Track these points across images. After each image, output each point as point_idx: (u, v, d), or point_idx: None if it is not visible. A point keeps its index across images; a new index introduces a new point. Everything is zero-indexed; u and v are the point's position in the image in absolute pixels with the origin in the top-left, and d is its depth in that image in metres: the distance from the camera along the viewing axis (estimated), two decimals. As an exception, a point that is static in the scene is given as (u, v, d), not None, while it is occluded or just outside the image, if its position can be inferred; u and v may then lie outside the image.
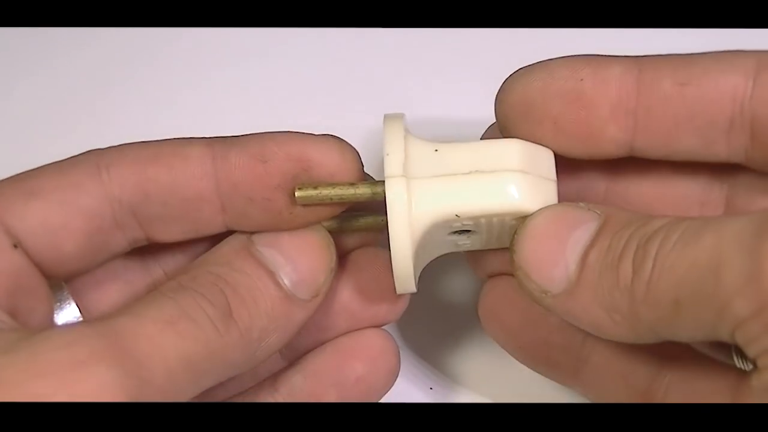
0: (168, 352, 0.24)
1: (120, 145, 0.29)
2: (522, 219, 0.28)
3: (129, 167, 0.28)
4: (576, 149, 0.29)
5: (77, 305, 0.29)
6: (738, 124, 0.28)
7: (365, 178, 0.29)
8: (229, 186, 0.28)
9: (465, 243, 0.30)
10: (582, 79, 0.28)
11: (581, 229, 0.27)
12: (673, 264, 0.25)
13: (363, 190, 0.28)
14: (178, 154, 0.28)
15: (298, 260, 0.28)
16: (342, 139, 0.29)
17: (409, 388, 0.35)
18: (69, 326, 0.25)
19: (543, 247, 0.27)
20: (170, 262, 0.31)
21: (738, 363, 0.26)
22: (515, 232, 0.28)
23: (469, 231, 0.29)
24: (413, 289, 0.29)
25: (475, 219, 0.28)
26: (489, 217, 0.28)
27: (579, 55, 0.29)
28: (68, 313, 0.29)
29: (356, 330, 0.31)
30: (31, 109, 0.39)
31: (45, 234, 0.27)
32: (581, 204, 0.28)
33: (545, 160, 0.29)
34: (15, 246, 0.27)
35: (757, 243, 0.23)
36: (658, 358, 0.29)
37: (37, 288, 0.28)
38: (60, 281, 0.29)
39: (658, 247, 0.25)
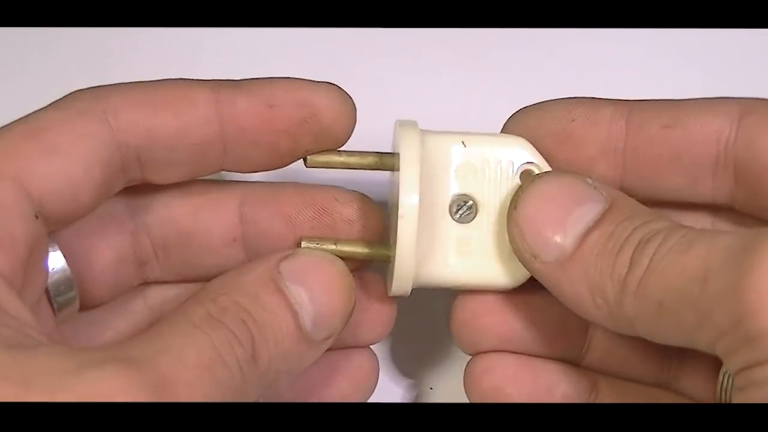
0: (200, 398, 0.24)
1: (120, 85, 0.28)
2: (528, 180, 0.29)
3: (136, 113, 0.28)
4: None
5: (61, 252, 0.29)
6: (722, 166, 0.29)
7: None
8: (236, 130, 0.29)
9: (465, 234, 0.29)
10: (573, 120, 0.29)
11: (587, 207, 0.27)
12: (665, 267, 0.25)
13: (370, 159, 0.30)
14: (185, 98, 0.28)
15: (322, 302, 0.28)
16: (341, 88, 0.29)
17: (409, 389, 0.35)
18: (113, 362, 0.23)
19: (545, 211, 0.28)
20: (148, 218, 0.31)
21: (718, 391, 0.27)
22: (521, 188, 0.28)
23: (471, 207, 0.29)
24: (409, 290, 0.29)
25: (482, 156, 0.29)
26: (495, 165, 0.29)
27: (573, 98, 0.30)
28: (56, 265, 0.28)
29: (345, 348, 0.31)
30: (31, 109, 0.39)
31: (67, 190, 0.27)
32: (589, 180, 0.28)
33: None
34: (36, 216, 0.26)
35: (742, 257, 0.24)
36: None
37: (42, 252, 0.27)
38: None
39: (656, 248, 0.26)
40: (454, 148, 0.29)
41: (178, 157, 0.29)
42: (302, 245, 0.29)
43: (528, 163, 0.30)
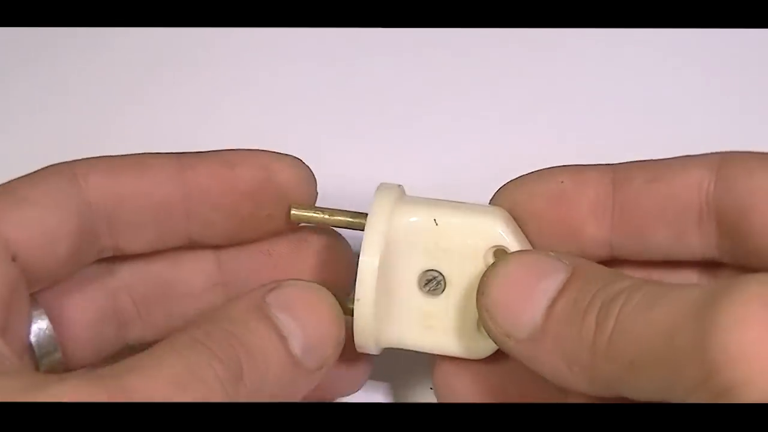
0: None
1: (88, 158, 0.30)
2: (493, 262, 0.29)
3: (103, 175, 0.29)
4: (559, 248, 0.30)
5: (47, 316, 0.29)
6: (706, 216, 0.29)
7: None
8: (198, 193, 0.30)
9: (431, 309, 0.30)
10: (562, 182, 0.30)
11: (550, 279, 0.28)
12: (632, 325, 0.25)
13: (347, 218, 0.30)
14: (147, 163, 0.30)
15: (310, 328, 0.28)
16: (299, 159, 0.31)
17: (409, 389, 0.35)
18: (78, 377, 0.24)
19: (511, 293, 0.28)
20: (126, 275, 0.32)
21: None
22: (485, 274, 0.29)
23: (439, 282, 0.30)
24: (372, 345, 0.30)
25: (452, 236, 0.30)
26: (464, 245, 0.30)
27: (559, 166, 0.30)
28: (40, 325, 0.29)
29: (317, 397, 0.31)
30: (31, 109, 0.39)
31: (42, 238, 0.28)
32: (551, 253, 0.29)
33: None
34: (13, 259, 0.27)
35: (704, 313, 0.24)
36: None
37: (23, 303, 0.28)
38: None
39: (620, 307, 0.26)
40: (427, 224, 0.30)
41: (143, 218, 0.30)
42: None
43: (494, 247, 0.30)
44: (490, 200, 0.31)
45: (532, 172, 0.31)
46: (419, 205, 0.30)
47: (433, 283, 0.30)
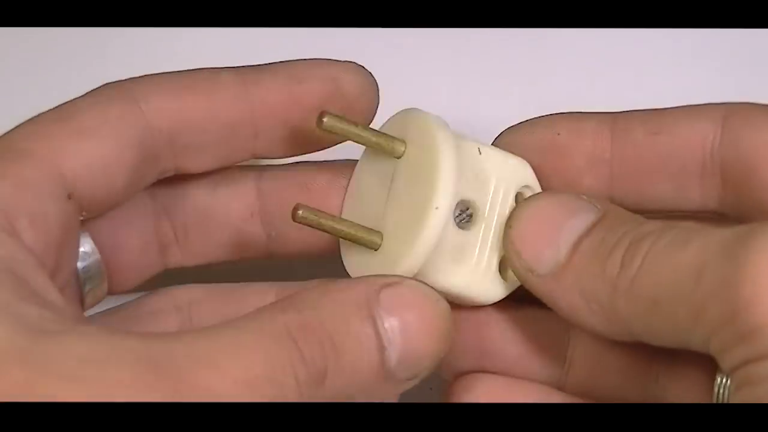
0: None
1: (148, 75, 0.29)
2: (522, 200, 0.29)
3: (167, 97, 0.28)
4: None
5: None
6: (709, 170, 0.28)
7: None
8: (266, 109, 0.29)
9: (461, 241, 0.29)
10: (559, 133, 0.29)
11: (579, 218, 0.28)
12: (659, 264, 0.25)
13: (383, 141, 0.29)
14: (212, 80, 0.29)
15: (414, 341, 0.26)
16: (364, 67, 0.30)
17: (409, 388, 0.35)
18: (132, 351, 0.22)
19: (538, 227, 0.28)
20: (166, 200, 0.31)
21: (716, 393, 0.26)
22: (516, 208, 0.29)
23: (470, 215, 0.29)
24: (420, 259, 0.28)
25: (490, 168, 0.29)
26: (500, 179, 0.29)
27: (558, 113, 0.30)
28: (86, 251, 0.28)
29: None
30: (31, 109, 0.39)
31: (100, 172, 0.27)
32: (584, 196, 0.28)
33: None
34: (69, 197, 0.26)
35: (737, 250, 0.23)
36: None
37: (74, 240, 0.27)
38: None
39: (649, 247, 0.26)
40: (469, 153, 0.29)
41: (210, 140, 0.29)
42: (299, 213, 0.28)
43: (525, 186, 0.30)
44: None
45: (528, 121, 0.30)
46: (463, 137, 0.29)
47: (465, 215, 0.29)
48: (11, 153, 0.26)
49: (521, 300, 0.30)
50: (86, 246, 0.28)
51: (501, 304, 0.30)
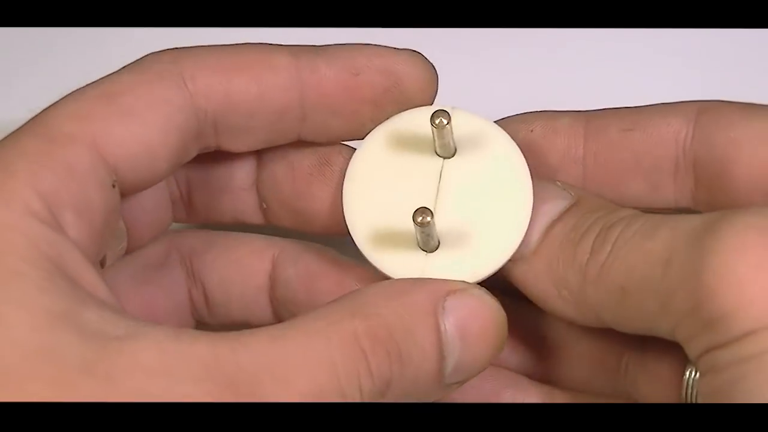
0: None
1: (198, 48, 0.27)
2: None
3: (214, 77, 0.27)
4: None
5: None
6: (682, 167, 0.28)
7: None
8: (317, 97, 0.28)
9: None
10: (532, 130, 0.29)
11: (551, 204, 0.27)
12: (628, 252, 0.25)
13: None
14: (265, 62, 0.27)
15: (471, 353, 0.26)
16: (423, 56, 0.29)
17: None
18: (203, 366, 0.22)
19: None
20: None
21: (683, 394, 0.27)
22: None
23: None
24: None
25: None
26: None
27: (532, 112, 0.30)
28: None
29: None
30: (30, 110, 0.39)
31: (145, 157, 0.26)
32: (558, 182, 0.28)
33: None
34: (113, 185, 0.25)
35: (703, 239, 0.23)
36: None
37: (116, 223, 0.26)
38: None
39: (618, 234, 0.25)
40: None
41: (256, 123, 0.28)
42: None
43: None
44: None
45: (505, 118, 0.30)
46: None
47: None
48: (53, 136, 0.25)
49: (492, 288, 0.29)
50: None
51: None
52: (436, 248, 0.28)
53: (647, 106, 0.29)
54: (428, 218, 0.26)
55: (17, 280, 0.22)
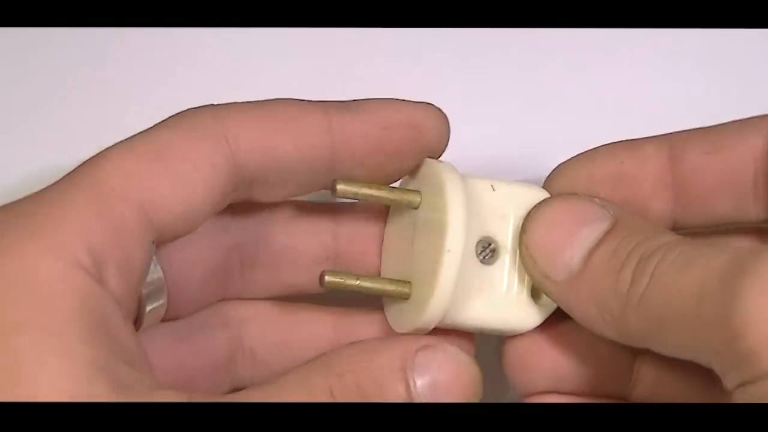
0: None
1: (237, 104, 0.28)
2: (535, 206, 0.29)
3: (256, 135, 0.28)
4: None
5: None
6: (760, 182, 0.29)
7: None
8: (347, 152, 0.29)
9: (487, 277, 0.30)
10: (622, 162, 0.30)
11: (592, 227, 0.28)
12: (665, 285, 0.26)
13: (398, 196, 0.30)
14: (300, 121, 0.28)
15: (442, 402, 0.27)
16: (439, 108, 0.30)
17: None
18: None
19: (552, 234, 0.29)
20: (239, 233, 0.31)
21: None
22: (529, 212, 0.29)
23: (494, 249, 0.30)
24: (434, 322, 0.29)
25: (507, 201, 0.30)
26: (518, 209, 0.30)
27: (613, 143, 0.30)
28: (153, 274, 0.28)
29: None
30: (30, 110, 0.39)
31: (185, 216, 0.27)
32: (596, 199, 0.29)
33: None
34: (154, 242, 0.26)
35: (732, 278, 0.24)
36: None
37: (146, 275, 0.27)
38: None
39: (656, 265, 0.26)
40: (483, 192, 0.30)
41: (288, 176, 0.29)
42: (325, 279, 0.29)
43: None
44: (544, 183, 0.31)
45: (586, 152, 0.30)
46: (475, 177, 0.30)
47: (487, 250, 0.30)
48: (103, 193, 0.26)
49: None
50: (154, 271, 0.28)
51: (571, 325, 0.30)
52: (409, 296, 0.30)
53: (725, 124, 0.30)
54: (332, 278, 0.29)
55: (64, 332, 0.24)
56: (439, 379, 0.27)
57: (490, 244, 0.30)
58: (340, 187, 0.29)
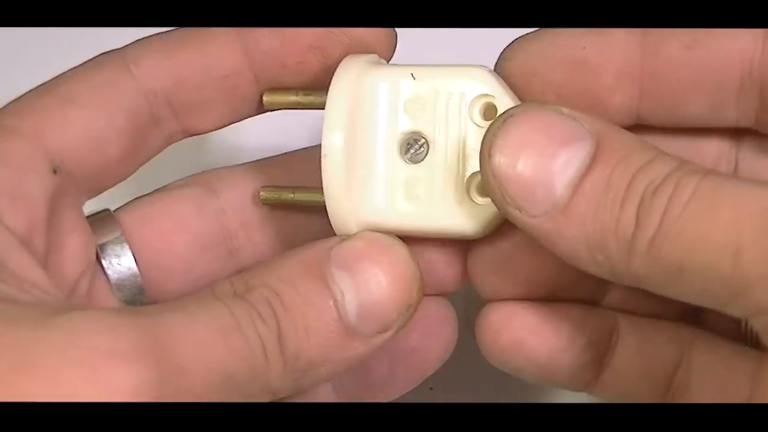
0: (212, 365, 0.22)
1: (140, 39, 0.28)
2: (494, 118, 0.26)
3: (158, 57, 0.27)
4: None
5: (128, 243, 0.28)
6: (747, 87, 0.27)
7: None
8: (260, 54, 0.28)
9: (414, 175, 0.27)
10: (584, 47, 0.27)
11: (572, 149, 0.25)
12: (683, 229, 0.23)
13: (323, 99, 0.27)
14: (203, 35, 0.28)
15: (369, 290, 0.25)
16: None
17: (409, 389, 0.35)
18: (111, 310, 0.23)
19: (526, 159, 0.25)
20: (232, 196, 0.30)
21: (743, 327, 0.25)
22: (491, 132, 0.25)
23: (421, 145, 0.27)
24: (352, 223, 0.27)
25: (433, 89, 0.27)
26: (447, 98, 0.27)
27: (579, 29, 0.28)
28: (120, 253, 0.28)
29: None
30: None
31: (89, 142, 0.26)
32: (564, 109, 0.25)
33: None
34: (54, 171, 0.25)
35: None
36: (682, 346, 0.28)
37: (70, 222, 0.26)
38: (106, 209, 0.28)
39: (667, 205, 0.23)
40: (404, 82, 0.28)
41: (209, 94, 0.28)
42: (260, 194, 0.28)
43: (483, 95, 0.27)
44: (495, 65, 0.28)
45: (544, 32, 0.28)
46: (395, 66, 0.28)
47: (415, 146, 0.28)
48: None
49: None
50: (120, 252, 0.28)
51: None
52: None
53: (708, 27, 0.28)
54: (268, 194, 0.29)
55: None
56: (361, 268, 0.25)
57: (417, 140, 0.28)
58: (266, 98, 0.28)
